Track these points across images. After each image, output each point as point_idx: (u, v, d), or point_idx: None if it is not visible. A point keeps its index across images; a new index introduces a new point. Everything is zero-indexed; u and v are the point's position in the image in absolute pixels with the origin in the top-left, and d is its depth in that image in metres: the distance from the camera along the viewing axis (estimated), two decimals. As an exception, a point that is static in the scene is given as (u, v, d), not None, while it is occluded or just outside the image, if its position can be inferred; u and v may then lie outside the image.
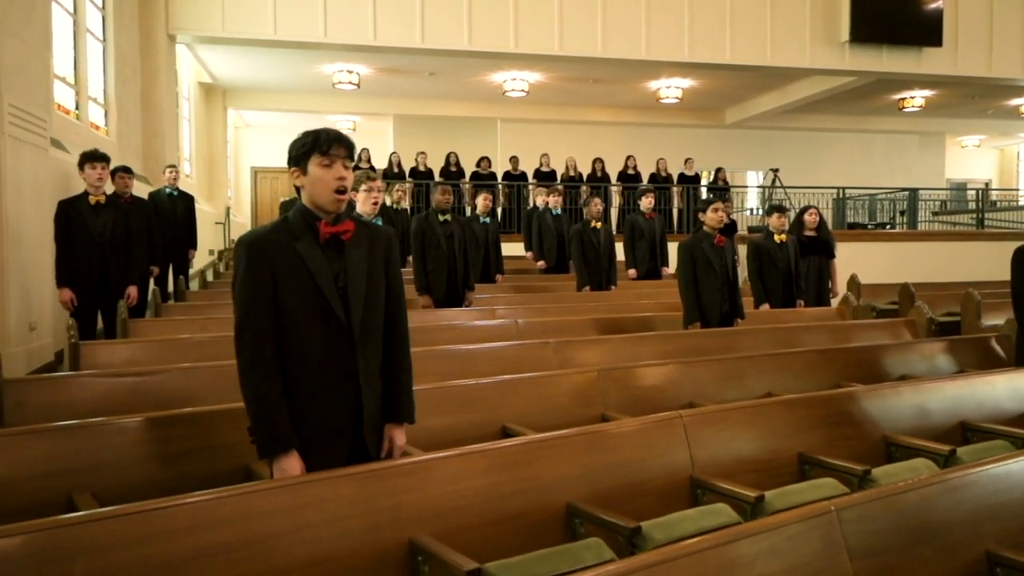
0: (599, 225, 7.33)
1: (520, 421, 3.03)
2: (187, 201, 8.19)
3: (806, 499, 2.36)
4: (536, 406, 3.16)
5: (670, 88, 14.33)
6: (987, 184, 22.65)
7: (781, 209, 6.20)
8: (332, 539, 1.87)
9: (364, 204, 4.06)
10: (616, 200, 13.50)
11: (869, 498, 1.82)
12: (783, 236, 6.13)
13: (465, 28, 10.77)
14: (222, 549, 1.75)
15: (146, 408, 3.06)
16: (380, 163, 13.69)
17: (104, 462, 2.32)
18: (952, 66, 12.33)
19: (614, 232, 8.05)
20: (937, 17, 11.87)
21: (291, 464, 1.94)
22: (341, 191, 2.04)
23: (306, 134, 2.08)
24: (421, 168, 12.51)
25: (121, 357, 3.72)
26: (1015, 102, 16.08)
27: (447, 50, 10.87)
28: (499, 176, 13.15)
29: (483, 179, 12.83)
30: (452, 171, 12.85)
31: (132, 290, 5.13)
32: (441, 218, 5.82)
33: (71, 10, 7.66)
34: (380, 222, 4.11)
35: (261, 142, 18.36)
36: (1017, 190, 21.59)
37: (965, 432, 3.22)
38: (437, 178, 12.63)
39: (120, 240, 5.06)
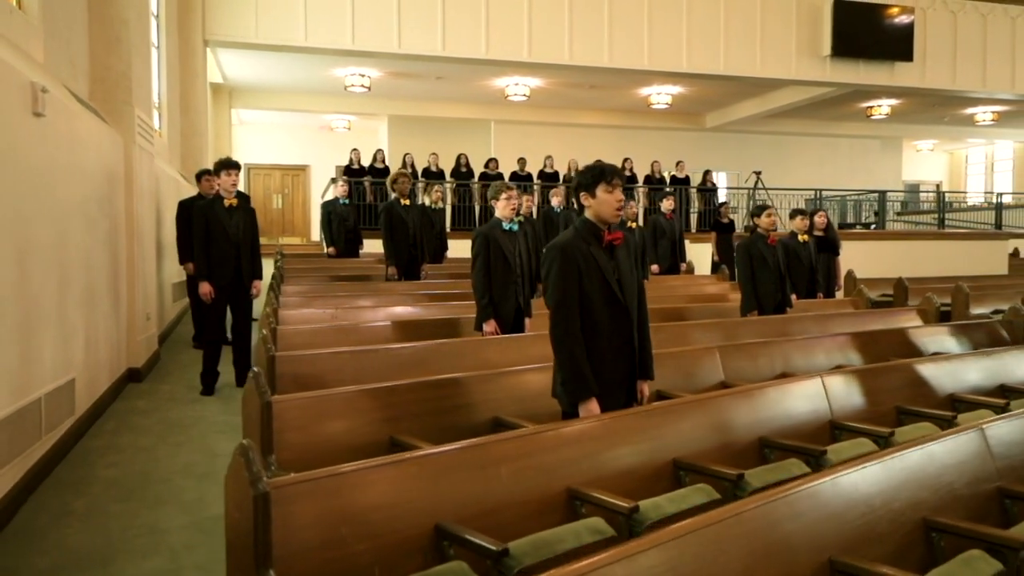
0: (634, 225, 8.15)
1: (670, 387, 3.82)
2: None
3: (919, 435, 3.22)
4: (677, 374, 3.95)
5: (660, 95, 15.26)
6: (938, 185, 24.32)
7: (802, 212, 7.10)
8: (627, 457, 2.63)
9: (504, 210, 4.77)
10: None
11: (1000, 422, 2.67)
12: (805, 236, 7.03)
13: (483, 38, 11.49)
14: (565, 463, 2.48)
15: (367, 378, 3.76)
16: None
17: (408, 413, 3.02)
18: (921, 79, 13.54)
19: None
20: (909, 34, 13.02)
21: (593, 406, 2.69)
22: (619, 208, 2.81)
23: (593, 167, 2.84)
24: (433, 168, 13.16)
25: (306, 339, 4.37)
26: (969, 111, 17.47)
27: (466, 58, 11.56)
28: (506, 176, 13.83)
29: (492, 179, 13.53)
30: (462, 171, 13.53)
31: (257, 283, 5.75)
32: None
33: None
34: (517, 226, 4.84)
35: (255, 140, 18.66)
36: (965, 192, 23.23)
37: (1004, 392, 4.13)
38: (448, 179, 13.31)
39: (248, 238, 5.67)
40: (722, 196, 15.82)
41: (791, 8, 12.72)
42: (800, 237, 6.97)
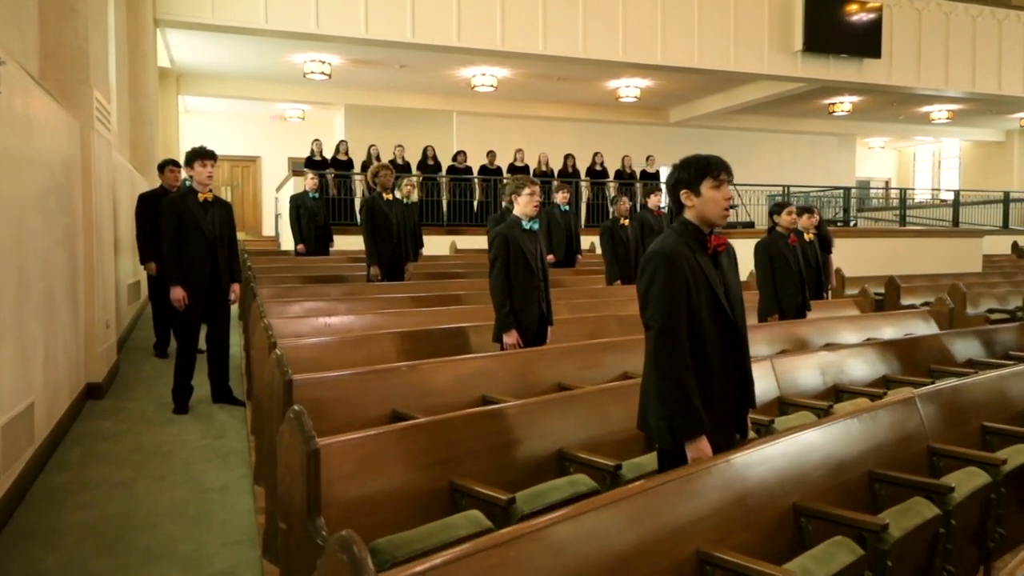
0: (627, 222, 7.77)
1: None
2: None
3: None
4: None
5: (629, 87, 14.95)
6: (887, 182, 24.78)
7: (809, 210, 6.82)
8: (747, 505, 2.21)
9: (527, 207, 4.30)
10: (585, 194, 14.06)
11: None
12: (811, 235, 6.75)
13: (455, 24, 10.96)
14: (691, 520, 2.05)
15: (394, 401, 3.26)
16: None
17: (466, 452, 2.54)
18: (888, 76, 13.55)
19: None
20: (877, 31, 13.00)
21: (705, 446, 2.25)
22: (728, 208, 2.38)
23: (696, 160, 2.39)
24: (399, 161, 12.55)
25: (311, 356, 3.83)
26: (925, 109, 17.70)
27: (437, 45, 11.00)
28: (475, 170, 13.31)
29: (460, 173, 13.02)
30: (429, 164, 12.96)
31: (236, 286, 5.14)
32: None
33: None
34: (538, 224, 4.37)
35: (202, 129, 17.61)
36: (914, 189, 23.67)
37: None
38: (415, 171, 12.72)
39: (225, 236, 5.06)
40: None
41: (763, 2, 12.54)
42: (807, 236, 6.69)
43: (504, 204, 6.96)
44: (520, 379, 3.77)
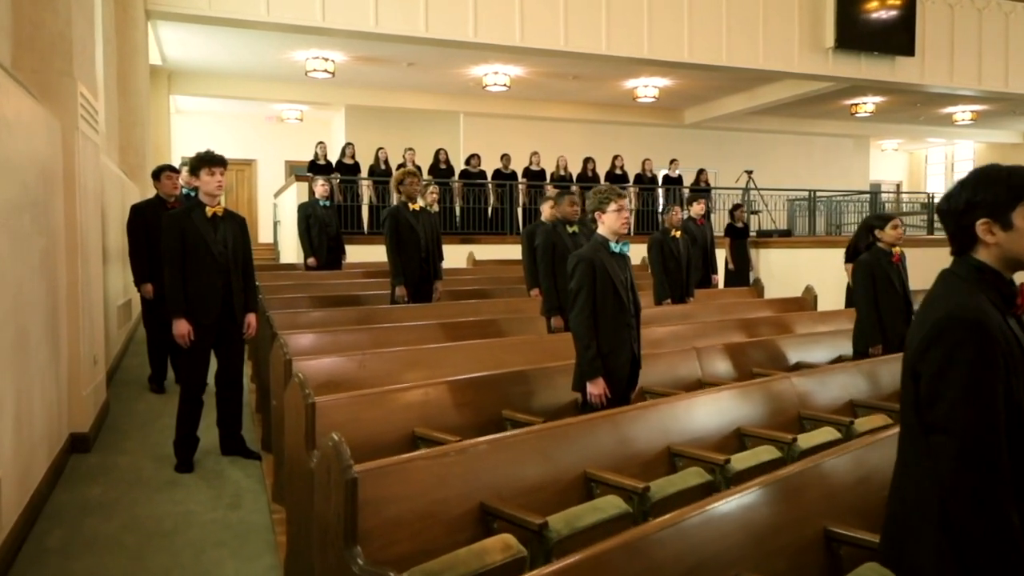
0: (679, 234, 7.00)
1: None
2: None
3: None
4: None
5: (648, 87, 14.20)
6: (898, 185, 24.14)
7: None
8: None
9: (614, 224, 3.48)
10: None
11: None
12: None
13: (471, 19, 10.18)
14: None
15: (481, 489, 2.47)
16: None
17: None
18: (920, 75, 12.87)
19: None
20: (910, 27, 12.32)
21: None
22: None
23: (1006, 175, 1.58)
24: (411, 165, 11.72)
25: (352, 417, 3.03)
26: (948, 110, 17.04)
27: (451, 41, 10.21)
28: (488, 175, 12.52)
29: (473, 177, 12.22)
30: (441, 169, 12.14)
31: (251, 318, 4.30)
32: (570, 229, 5.37)
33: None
34: (628, 246, 3.57)
35: (193, 130, 16.71)
36: (934, 193, 22.98)
37: None
38: (426, 175, 11.89)
39: (239, 259, 4.23)
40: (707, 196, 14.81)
41: (794, -4, 11.83)
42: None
43: (542, 215, 6.16)
44: (622, 447, 2.98)
